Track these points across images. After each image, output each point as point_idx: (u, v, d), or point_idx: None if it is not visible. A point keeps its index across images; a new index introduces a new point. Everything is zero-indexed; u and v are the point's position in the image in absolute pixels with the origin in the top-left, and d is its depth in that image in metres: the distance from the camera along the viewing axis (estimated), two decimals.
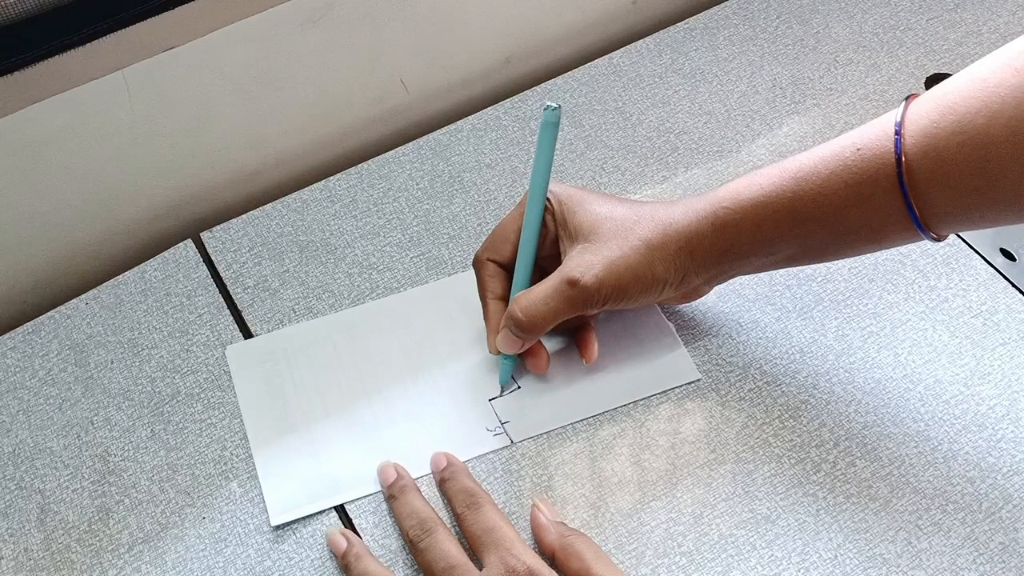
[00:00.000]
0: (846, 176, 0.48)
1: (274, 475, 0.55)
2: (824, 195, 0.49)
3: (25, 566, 0.53)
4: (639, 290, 0.53)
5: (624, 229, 0.53)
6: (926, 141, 0.46)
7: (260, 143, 0.69)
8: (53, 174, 0.62)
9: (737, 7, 0.77)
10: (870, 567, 0.50)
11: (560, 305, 0.53)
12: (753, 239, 0.51)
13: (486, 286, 0.57)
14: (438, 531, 0.50)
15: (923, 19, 0.75)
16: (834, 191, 0.49)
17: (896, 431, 0.55)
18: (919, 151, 0.46)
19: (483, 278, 0.57)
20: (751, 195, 0.51)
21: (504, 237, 0.57)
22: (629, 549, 0.52)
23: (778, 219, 0.50)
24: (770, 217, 0.50)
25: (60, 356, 0.61)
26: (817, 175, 0.49)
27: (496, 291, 0.57)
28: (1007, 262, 0.62)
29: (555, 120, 0.53)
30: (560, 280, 0.53)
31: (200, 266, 0.65)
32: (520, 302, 0.54)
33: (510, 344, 0.55)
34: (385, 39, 0.69)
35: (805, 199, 0.49)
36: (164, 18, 0.58)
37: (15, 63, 0.55)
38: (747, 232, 0.51)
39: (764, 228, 0.51)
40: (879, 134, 0.48)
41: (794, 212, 0.50)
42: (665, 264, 0.52)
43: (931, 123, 0.46)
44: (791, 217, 0.50)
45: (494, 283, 0.57)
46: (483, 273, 0.57)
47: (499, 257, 0.57)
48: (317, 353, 0.60)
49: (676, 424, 0.56)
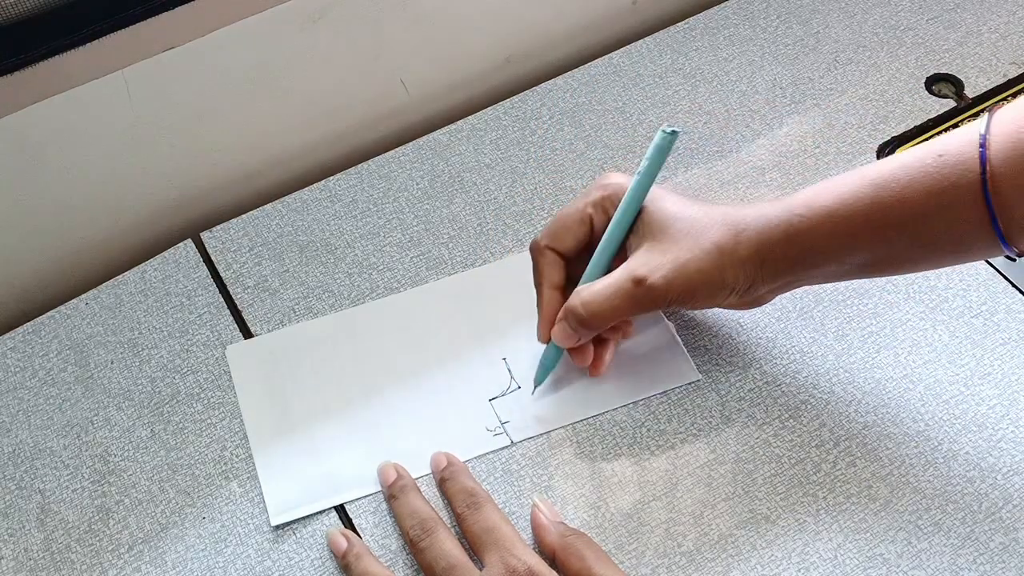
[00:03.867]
0: (927, 182, 0.46)
1: (274, 475, 0.55)
2: (903, 201, 0.47)
3: (25, 566, 0.53)
4: (706, 294, 0.51)
5: (695, 231, 0.51)
6: (1012, 146, 0.45)
7: (260, 143, 0.69)
8: (53, 174, 0.62)
9: (737, 7, 0.77)
10: (870, 567, 0.50)
11: (624, 303, 0.51)
12: (827, 248, 0.50)
13: (543, 274, 0.55)
14: (438, 531, 0.50)
15: (923, 19, 0.75)
16: (914, 197, 0.47)
17: (896, 431, 0.55)
18: (1004, 157, 0.45)
19: (541, 266, 0.56)
20: (826, 202, 0.49)
21: (566, 227, 0.55)
22: (629, 549, 0.52)
23: (854, 227, 0.49)
24: (845, 225, 0.49)
25: (60, 356, 0.61)
26: (897, 181, 0.47)
27: (553, 280, 0.55)
28: (1007, 262, 0.62)
29: (667, 144, 0.52)
30: (626, 278, 0.51)
31: (200, 266, 0.65)
32: (582, 295, 0.52)
33: (566, 337, 0.54)
34: (385, 39, 0.69)
35: (883, 206, 0.48)
36: (164, 18, 0.58)
37: (15, 63, 0.55)
38: (821, 241, 0.49)
39: (839, 236, 0.49)
40: (964, 140, 0.46)
41: (871, 219, 0.48)
42: (735, 270, 0.51)
43: (1018, 128, 0.45)
44: (868, 224, 0.48)
45: (552, 272, 0.55)
46: (541, 261, 0.56)
47: (559, 246, 0.55)
48: (317, 353, 0.60)
49: (676, 424, 0.56)
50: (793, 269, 0.51)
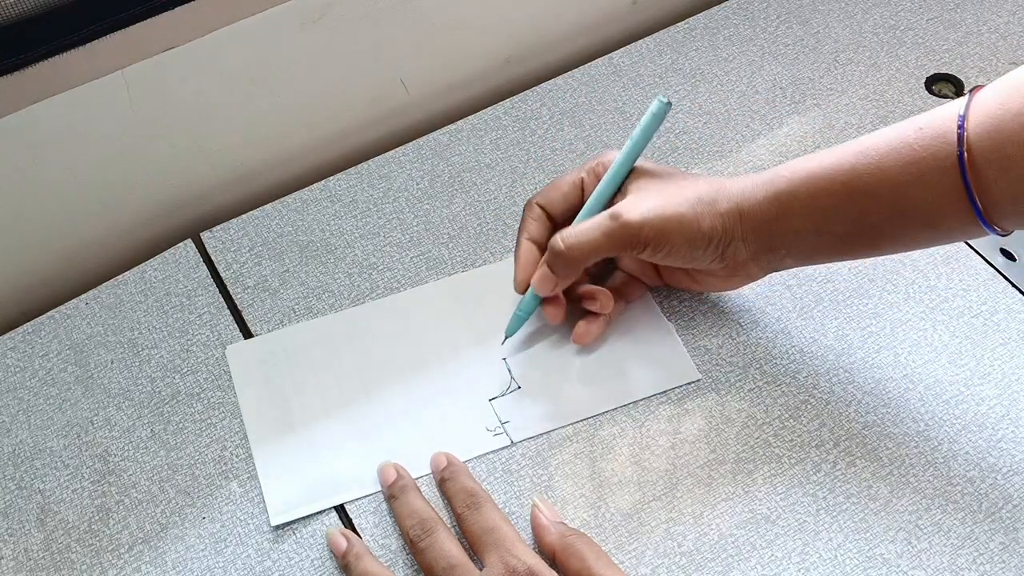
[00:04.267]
0: (906, 152, 0.48)
1: (274, 475, 0.55)
2: (882, 169, 0.49)
3: (25, 566, 0.53)
4: (682, 240, 0.52)
5: (680, 185, 0.54)
6: (990, 122, 0.46)
7: (260, 143, 0.69)
8: (53, 174, 0.62)
9: (737, 7, 0.77)
10: (870, 567, 0.50)
11: (601, 239, 0.53)
12: (805, 208, 0.51)
13: (526, 226, 0.58)
14: (438, 531, 0.50)
15: (923, 19, 0.75)
16: (893, 166, 0.48)
17: (896, 431, 0.55)
18: (982, 131, 0.46)
19: (527, 219, 0.58)
20: (809, 167, 0.51)
21: (559, 189, 0.58)
22: (629, 549, 0.52)
23: (833, 190, 0.50)
24: (825, 188, 0.50)
25: (60, 356, 0.61)
26: (876, 150, 0.49)
27: (533, 233, 0.57)
28: (1007, 262, 0.62)
29: (661, 113, 0.55)
30: (605, 214, 0.53)
31: (200, 266, 0.65)
32: (563, 232, 0.55)
33: (545, 282, 0.55)
34: (385, 39, 0.69)
35: (863, 173, 0.49)
36: (164, 18, 0.58)
37: (15, 63, 0.55)
38: (801, 200, 0.51)
39: (819, 198, 0.51)
40: (945, 116, 0.48)
41: (850, 185, 0.50)
42: (712, 220, 0.52)
43: (997, 105, 0.46)
44: (846, 189, 0.50)
45: (534, 225, 0.57)
46: (528, 215, 0.58)
47: (547, 205, 0.58)
48: (317, 353, 0.60)
49: (676, 424, 0.56)
50: (772, 229, 0.52)
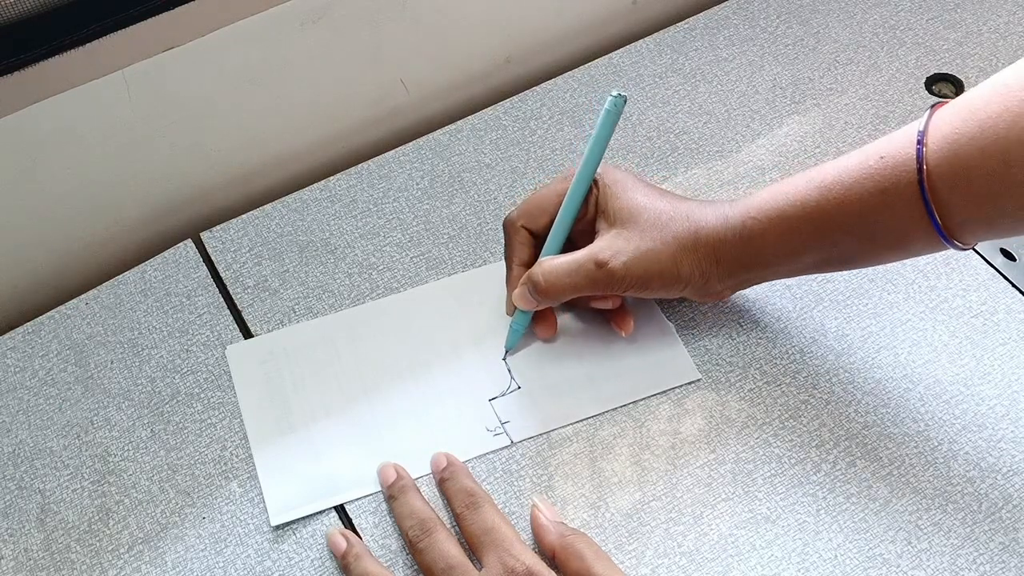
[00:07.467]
0: (869, 184, 0.49)
1: (274, 475, 0.55)
2: (848, 203, 0.49)
3: (25, 566, 0.53)
4: (661, 284, 0.54)
5: (660, 223, 0.54)
6: (947, 147, 0.46)
7: (260, 143, 0.69)
8: (53, 174, 0.62)
9: (737, 7, 0.77)
10: (870, 567, 0.50)
11: (581, 281, 0.54)
12: (777, 249, 0.52)
13: (514, 252, 0.58)
14: (438, 531, 0.50)
15: (923, 19, 0.75)
16: (857, 199, 0.49)
17: (896, 431, 0.55)
18: (940, 157, 0.46)
19: (513, 243, 0.58)
20: (776, 205, 0.52)
21: (541, 207, 0.58)
22: (629, 549, 0.52)
23: (802, 229, 0.51)
24: (794, 228, 0.51)
25: (60, 356, 0.61)
26: (841, 184, 0.50)
27: (523, 257, 0.58)
28: (1007, 262, 0.62)
29: (616, 109, 0.55)
30: (588, 258, 0.54)
31: (200, 266, 0.65)
32: (544, 266, 0.55)
33: (524, 301, 0.56)
34: (385, 39, 0.69)
35: (829, 208, 0.50)
36: (164, 18, 0.58)
37: (15, 63, 0.55)
38: (772, 243, 0.52)
39: (788, 238, 0.52)
40: (903, 142, 0.48)
41: (817, 222, 0.51)
42: (691, 266, 0.54)
43: (953, 129, 0.46)
44: (814, 227, 0.51)
45: (522, 250, 0.58)
46: (514, 238, 0.58)
47: (532, 225, 0.58)
48: (317, 353, 0.60)
49: (676, 424, 0.56)
50: (748, 268, 0.54)
